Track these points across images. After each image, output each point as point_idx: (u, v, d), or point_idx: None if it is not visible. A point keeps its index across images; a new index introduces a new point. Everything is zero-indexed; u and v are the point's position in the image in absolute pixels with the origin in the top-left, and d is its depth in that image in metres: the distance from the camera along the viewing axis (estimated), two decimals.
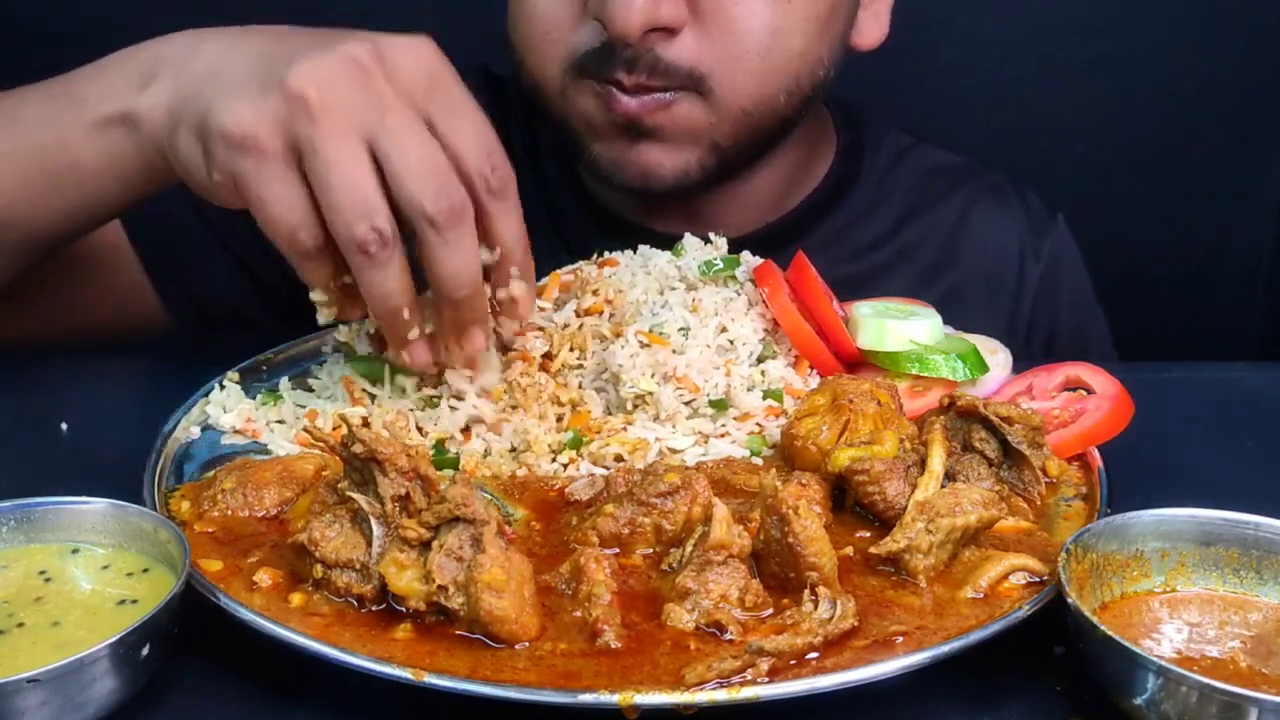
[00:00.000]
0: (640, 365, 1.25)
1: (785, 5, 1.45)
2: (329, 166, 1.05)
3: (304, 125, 1.05)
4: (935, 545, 0.99)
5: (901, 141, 1.86)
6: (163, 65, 1.18)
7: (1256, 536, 0.96)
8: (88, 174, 1.23)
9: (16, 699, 0.80)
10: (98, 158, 1.21)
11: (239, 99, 1.07)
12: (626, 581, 0.98)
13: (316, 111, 1.04)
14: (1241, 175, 2.44)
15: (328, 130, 1.05)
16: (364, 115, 1.06)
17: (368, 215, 1.05)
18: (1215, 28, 2.32)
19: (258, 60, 1.11)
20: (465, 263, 1.11)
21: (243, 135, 1.05)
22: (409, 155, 1.06)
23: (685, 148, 1.51)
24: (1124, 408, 1.22)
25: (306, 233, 1.09)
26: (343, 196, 1.05)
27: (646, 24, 1.38)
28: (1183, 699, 0.81)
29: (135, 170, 1.21)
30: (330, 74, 1.06)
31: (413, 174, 1.06)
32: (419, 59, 1.11)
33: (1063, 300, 1.83)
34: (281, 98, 1.05)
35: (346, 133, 1.05)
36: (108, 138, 1.20)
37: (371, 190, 1.06)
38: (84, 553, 0.98)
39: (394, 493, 0.95)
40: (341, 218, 1.06)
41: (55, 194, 1.25)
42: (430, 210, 1.06)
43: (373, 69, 1.08)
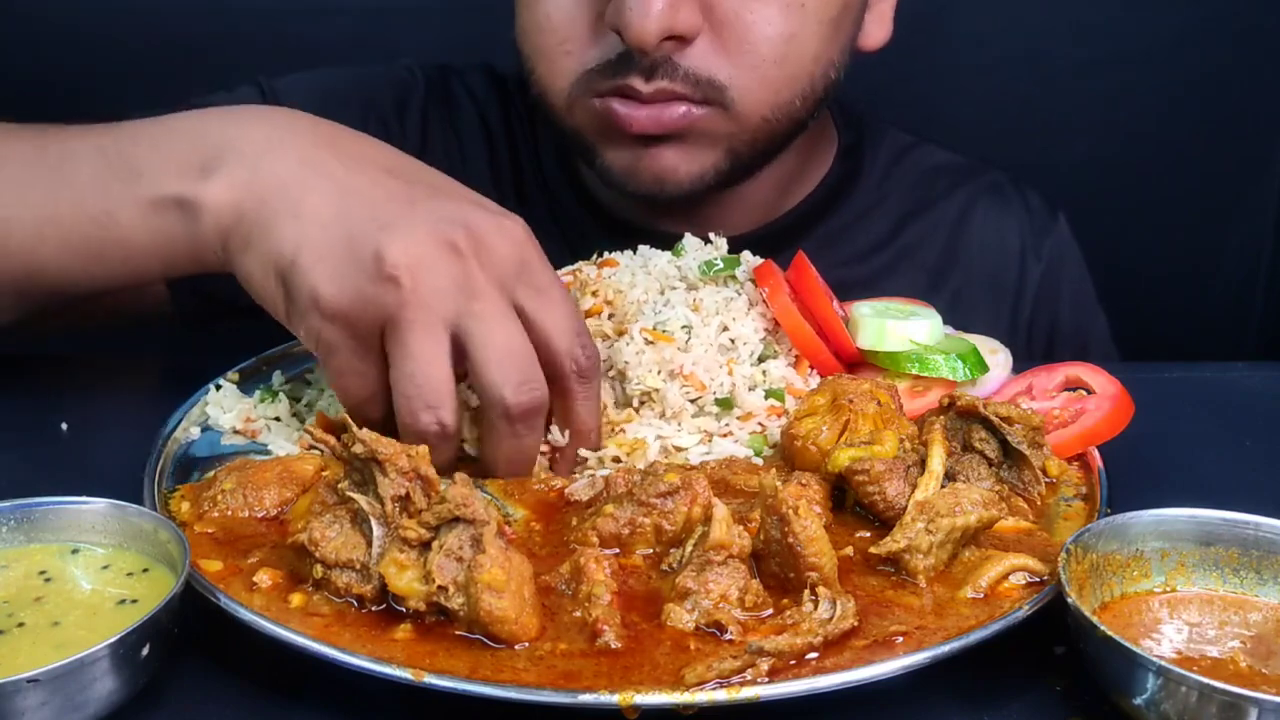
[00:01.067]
0: (646, 362, 1.25)
1: (799, 11, 1.45)
2: (409, 355, 1.06)
3: (394, 310, 1.05)
4: (935, 545, 0.99)
5: (901, 141, 1.86)
6: (230, 154, 1.14)
7: (1256, 536, 0.96)
8: (134, 251, 1.19)
9: (16, 699, 0.80)
10: (147, 237, 1.18)
11: (329, 268, 1.06)
12: (626, 581, 0.98)
13: (408, 298, 1.05)
14: (1241, 175, 2.44)
15: (415, 319, 1.05)
16: (454, 301, 1.06)
17: (435, 409, 1.07)
18: (1215, 28, 2.32)
19: (346, 209, 1.09)
20: (527, 456, 1.13)
21: (334, 311, 1.06)
22: (495, 345, 1.07)
23: (703, 153, 1.51)
24: (1124, 408, 1.22)
25: (374, 405, 1.11)
26: (415, 387, 1.06)
27: (663, 32, 1.38)
28: (1183, 699, 0.81)
29: (184, 257, 1.18)
30: (424, 255, 1.05)
31: (496, 364, 1.07)
32: (512, 242, 1.10)
33: (1064, 300, 1.83)
34: (375, 277, 1.05)
35: (433, 322, 1.06)
36: (160, 219, 1.16)
37: (444, 384, 1.07)
38: (84, 553, 0.98)
39: (394, 493, 0.95)
40: (409, 406, 1.07)
41: (96, 263, 1.21)
42: (510, 402, 1.07)
43: (466, 252, 1.07)
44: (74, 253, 1.21)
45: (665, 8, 1.36)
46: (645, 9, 1.36)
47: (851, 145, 1.80)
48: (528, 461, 1.14)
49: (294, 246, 1.08)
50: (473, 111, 1.80)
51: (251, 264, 1.12)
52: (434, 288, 1.06)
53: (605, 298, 1.31)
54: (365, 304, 1.06)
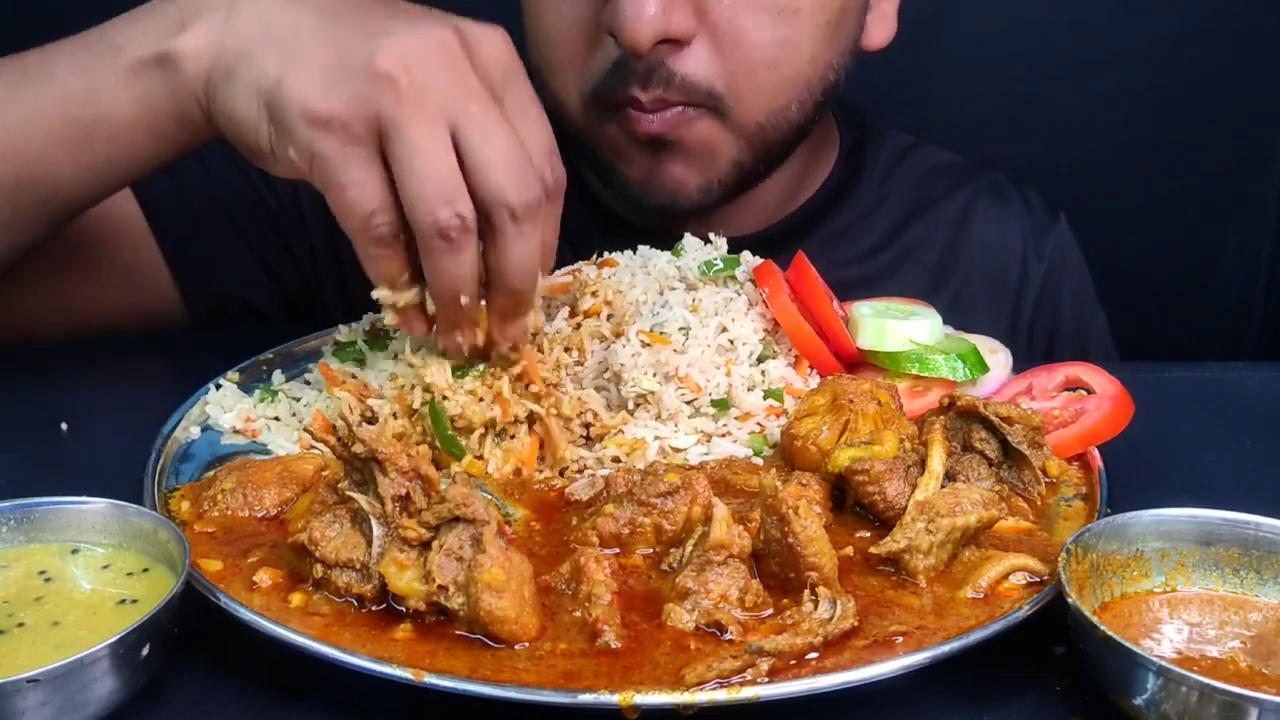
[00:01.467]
0: (642, 364, 1.25)
1: (793, 15, 1.46)
2: (414, 152, 1.03)
3: (390, 108, 1.03)
4: (935, 545, 0.99)
5: (902, 141, 1.86)
6: (206, 7, 1.14)
7: (1256, 536, 0.96)
8: (119, 125, 1.18)
9: (16, 699, 0.80)
10: (130, 104, 1.17)
11: (321, 74, 1.05)
12: (626, 581, 0.98)
13: (405, 94, 1.03)
14: (1241, 175, 2.44)
15: (415, 115, 1.03)
16: (450, 100, 1.05)
17: (452, 200, 1.04)
18: (1215, 28, 2.32)
19: (334, 29, 1.08)
20: (534, 253, 1.11)
21: (329, 116, 1.03)
22: (495, 145, 1.05)
23: (707, 167, 1.53)
24: (1124, 408, 1.22)
25: (384, 217, 1.07)
26: (428, 182, 1.04)
27: (657, 34, 1.38)
28: (1183, 699, 0.81)
29: (168, 118, 1.17)
30: (419, 56, 1.04)
31: (498, 164, 1.05)
32: (498, 49, 1.10)
33: (1065, 300, 1.83)
34: (369, 78, 1.03)
35: (434, 118, 1.04)
36: (141, 82, 1.16)
37: (455, 176, 1.05)
38: (84, 553, 0.98)
39: (394, 493, 0.95)
40: (424, 202, 1.04)
41: (84, 148, 1.20)
42: (514, 201, 1.06)
43: (459, 53, 1.06)
44: (61, 143, 1.20)
45: (658, 11, 1.37)
46: (639, 12, 1.37)
47: (853, 146, 1.80)
48: (534, 262, 1.11)
49: (279, 66, 1.06)
50: None
51: (234, 95, 1.10)
52: (431, 84, 1.04)
53: (604, 298, 1.31)
54: (360, 105, 1.03)
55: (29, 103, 1.21)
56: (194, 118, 1.16)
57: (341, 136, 1.04)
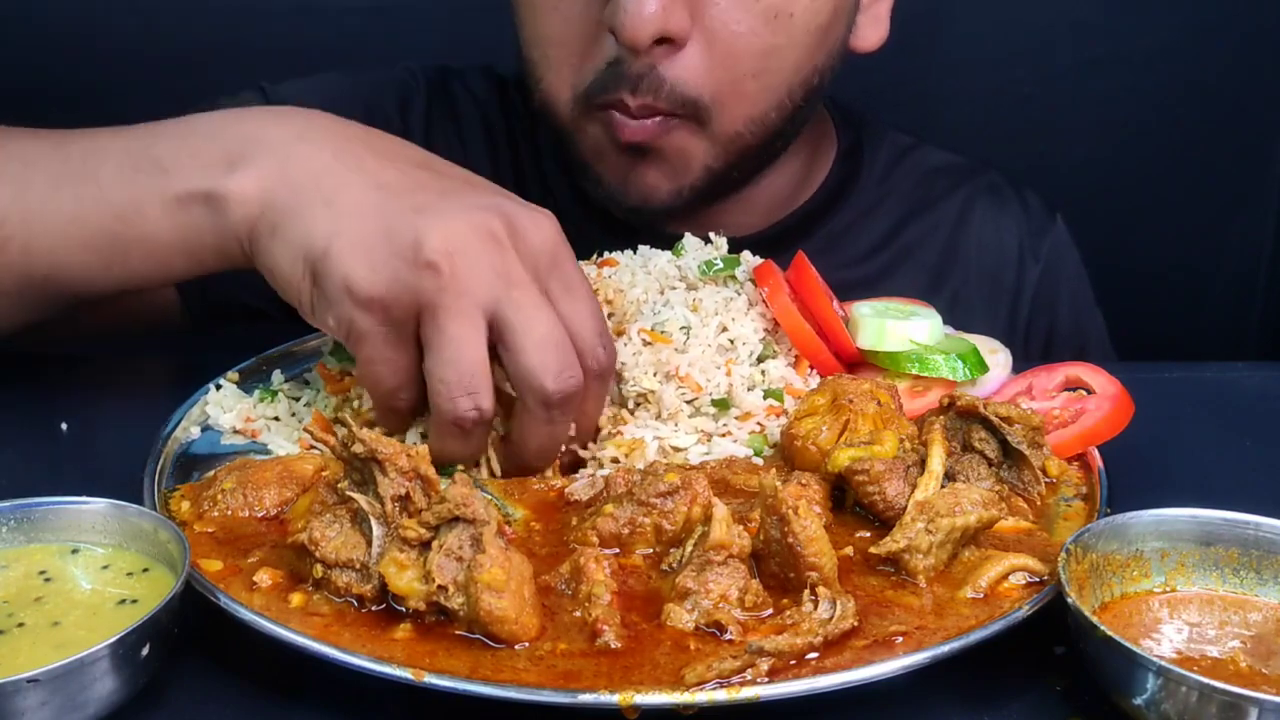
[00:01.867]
0: (643, 364, 1.25)
1: (787, 21, 1.46)
2: (447, 341, 1.05)
3: (432, 295, 1.04)
4: (935, 545, 0.99)
5: (900, 142, 1.86)
6: (256, 149, 1.14)
7: (1256, 536, 0.96)
8: (158, 247, 1.18)
9: (16, 699, 0.80)
10: (172, 232, 1.17)
11: (366, 254, 1.05)
12: (626, 581, 0.98)
13: (447, 284, 1.04)
14: (1241, 175, 2.44)
15: (454, 305, 1.04)
16: (493, 288, 1.06)
17: (474, 396, 1.06)
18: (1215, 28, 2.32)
19: (382, 200, 1.09)
20: (558, 441, 1.13)
21: (370, 298, 1.05)
22: (536, 332, 1.06)
23: (680, 174, 1.54)
24: (1124, 408, 1.22)
25: (405, 395, 1.10)
26: (454, 372, 1.05)
27: (656, 32, 1.39)
28: (1183, 699, 0.81)
29: (209, 252, 1.17)
30: (463, 243, 1.05)
31: (538, 352, 1.06)
32: (544, 234, 1.11)
33: (1062, 300, 1.84)
34: (413, 263, 1.04)
35: (472, 307, 1.05)
36: (186, 214, 1.16)
37: (482, 370, 1.06)
38: (84, 553, 0.98)
39: (394, 493, 0.95)
40: (447, 392, 1.06)
41: (118, 262, 1.20)
42: (551, 389, 1.07)
43: (504, 240, 1.07)
44: (97, 251, 1.20)
45: (659, 9, 1.38)
46: (640, 9, 1.37)
47: (851, 146, 1.81)
48: (556, 448, 1.13)
49: (326, 234, 1.07)
50: (474, 113, 1.81)
51: (279, 252, 1.11)
52: (473, 274, 1.05)
53: (605, 297, 1.31)
54: (402, 290, 1.05)
55: (70, 204, 1.20)
56: (235, 256, 1.17)
57: (381, 318, 1.06)
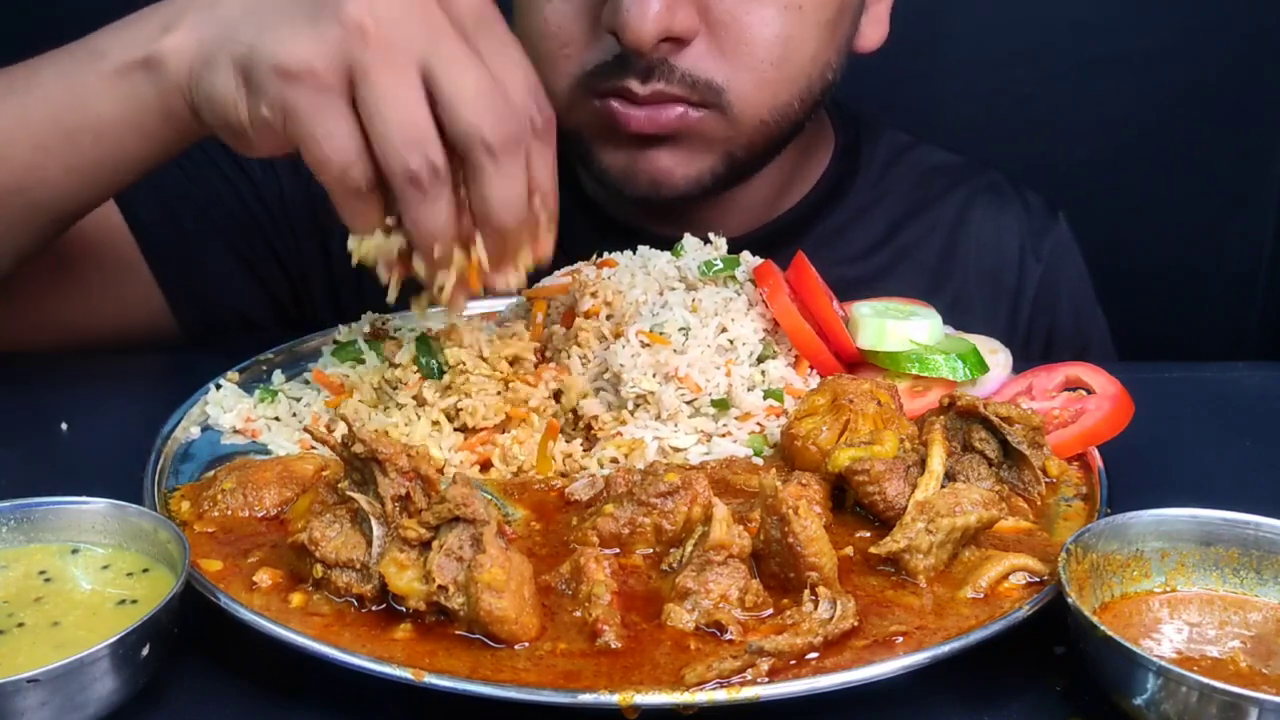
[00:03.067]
0: (642, 365, 1.25)
1: (796, 13, 1.45)
2: (383, 97, 1.03)
3: (359, 54, 1.03)
4: (935, 545, 0.99)
5: (899, 141, 1.86)
6: (188, 10, 1.15)
7: (1256, 536, 0.96)
8: (106, 127, 1.19)
9: (16, 699, 0.80)
10: (117, 107, 1.18)
11: (291, 29, 1.04)
12: (626, 581, 0.98)
13: (373, 41, 1.02)
14: (1241, 175, 2.44)
15: (384, 59, 1.03)
16: (420, 44, 1.04)
17: (421, 146, 1.03)
18: (1215, 28, 2.32)
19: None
20: (519, 191, 1.09)
21: (298, 66, 1.03)
22: (466, 83, 1.04)
23: (700, 156, 1.51)
24: (1124, 408, 1.22)
25: (358, 169, 1.06)
26: (396, 128, 1.03)
27: (660, 33, 1.38)
28: (1183, 699, 0.81)
29: (156, 118, 1.17)
30: (387, 2, 1.04)
31: (470, 101, 1.04)
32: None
33: (1063, 300, 1.83)
34: (338, 25, 1.03)
35: (403, 62, 1.03)
36: (127, 84, 1.16)
37: (425, 121, 1.04)
38: (84, 553, 0.98)
39: (394, 493, 0.95)
40: (394, 149, 1.03)
41: (72, 152, 1.21)
42: (489, 136, 1.04)
43: None
44: (50, 149, 1.21)
45: (662, 9, 1.36)
46: (642, 11, 1.35)
47: (848, 144, 1.80)
48: (521, 200, 1.10)
49: (252, 34, 1.07)
50: None
51: (214, 75, 1.10)
52: (399, 30, 1.04)
53: (604, 298, 1.31)
54: (330, 54, 1.03)
55: (15, 111, 1.22)
56: (181, 114, 1.16)
57: (311, 87, 1.04)
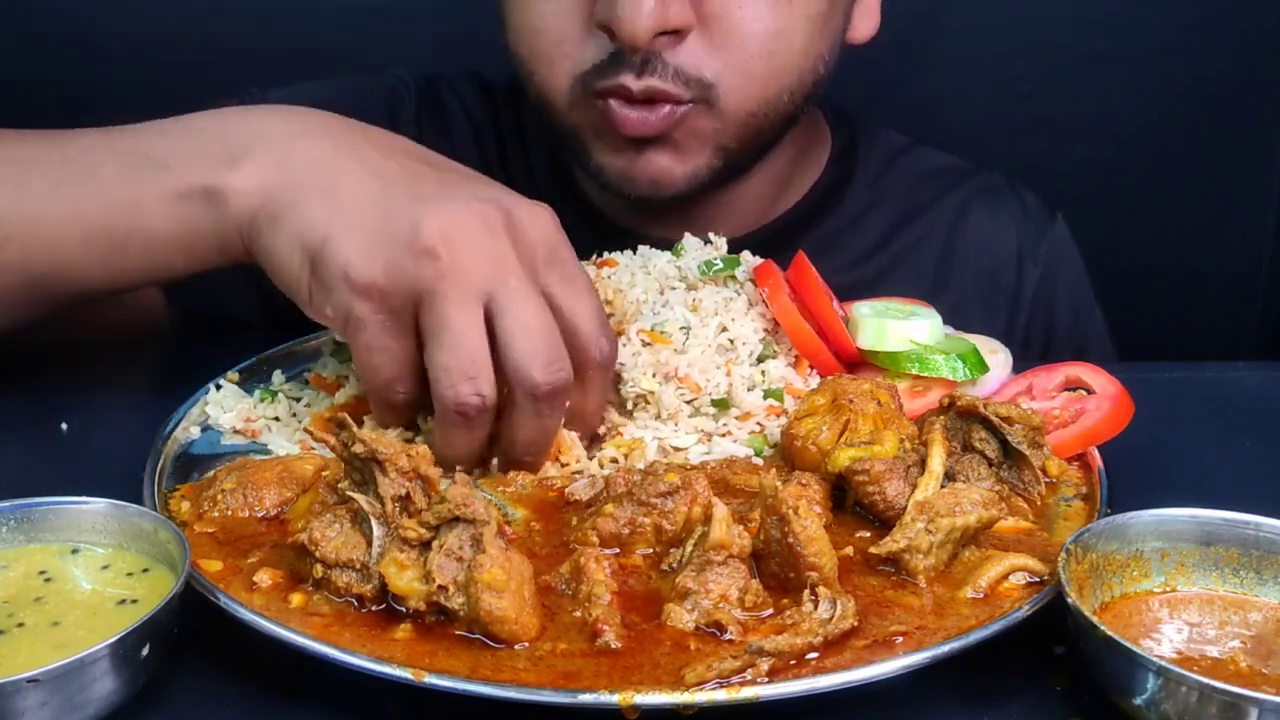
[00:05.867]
0: (642, 364, 1.25)
1: (786, 6, 1.45)
2: (445, 328, 1.05)
3: (429, 282, 1.04)
4: (935, 545, 0.99)
5: (894, 143, 1.85)
6: (258, 144, 1.14)
7: (1256, 536, 0.96)
8: (157, 243, 1.18)
9: (16, 699, 0.80)
10: (171, 227, 1.17)
11: (364, 241, 1.05)
12: (626, 581, 0.98)
13: (445, 270, 1.04)
14: (1241, 175, 2.44)
15: (452, 291, 1.04)
16: (488, 277, 1.06)
17: (475, 380, 1.06)
18: (1215, 27, 2.32)
19: (381, 189, 1.09)
20: (548, 436, 1.12)
21: (368, 284, 1.05)
22: (527, 323, 1.06)
23: (694, 153, 1.51)
24: (1124, 408, 1.22)
25: (402, 387, 1.10)
26: (454, 359, 1.05)
27: (655, 28, 1.38)
28: (1183, 699, 0.81)
29: (209, 247, 1.17)
30: (461, 232, 1.05)
31: (528, 342, 1.06)
32: (542, 226, 1.11)
33: (1061, 302, 1.83)
34: (411, 250, 1.04)
35: (469, 295, 1.05)
36: (185, 209, 1.15)
37: (483, 356, 1.06)
38: (84, 553, 0.98)
39: (394, 493, 0.95)
40: (448, 379, 1.05)
41: (117, 258, 1.20)
42: (539, 380, 1.07)
43: (501, 231, 1.08)
44: (96, 249, 1.20)
45: (656, 4, 1.36)
46: (637, 6, 1.36)
47: (844, 147, 1.80)
48: (547, 442, 1.13)
49: (326, 223, 1.07)
50: (464, 120, 1.80)
51: (278, 243, 1.10)
52: (471, 262, 1.05)
53: (605, 297, 1.31)
54: (400, 277, 1.05)
55: (68, 203, 1.20)
56: (234, 251, 1.16)
57: (378, 305, 1.06)
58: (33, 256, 1.22)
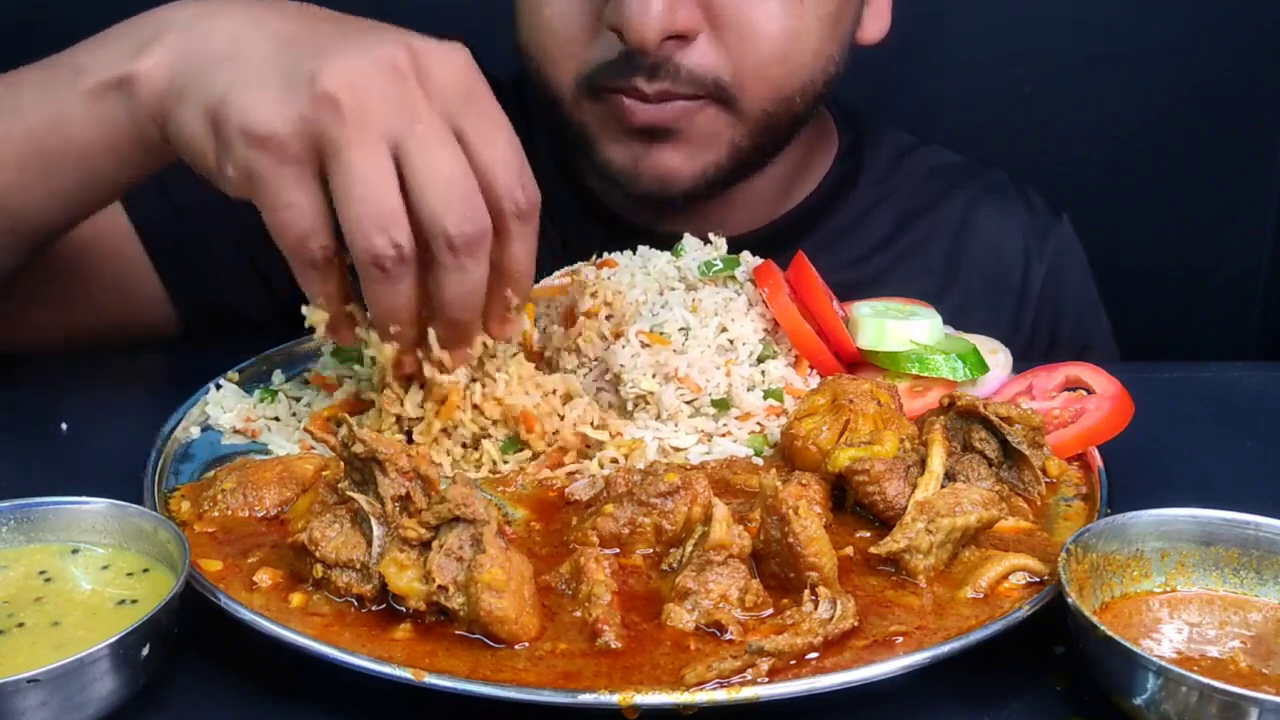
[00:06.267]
0: (642, 365, 1.25)
1: (798, 6, 1.45)
2: (352, 177, 1.01)
3: (331, 129, 1.01)
4: (935, 545, 0.99)
5: (902, 141, 1.86)
6: (166, 30, 1.12)
7: (1256, 536, 0.96)
8: (82, 149, 1.17)
9: (16, 699, 0.80)
10: (92, 128, 1.15)
11: (263, 92, 1.02)
12: (626, 581, 0.98)
13: (347, 116, 1.00)
14: (1241, 175, 2.44)
15: (356, 137, 1.01)
16: (395, 123, 1.02)
17: (388, 229, 1.02)
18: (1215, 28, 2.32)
19: (282, 47, 1.06)
20: (473, 289, 1.08)
21: (266, 134, 1.01)
22: (437, 171, 1.02)
23: (705, 151, 1.51)
24: (1124, 408, 1.22)
25: (317, 241, 1.05)
26: (364, 207, 1.01)
27: (664, 32, 1.37)
28: (1183, 699, 0.81)
29: (129, 142, 1.15)
30: (364, 76, 1.02)
31: (439, 191, 1.02)
32: (454, 67, 1.07)
33: (1066, 301, 1.83)
34: (310, 97, 1.01)
35: (375, 141, 1.01)
36: (101, 106, 1.14)
37: (394, 203, 1.02)
38: (84, 553, 0.98)
39: (394, 493, 0.95)
40: (360, 229, 1.02)
41: (53, 174, 1.19)
42: (453, 232, 1.03)
43: (408, 74, 1.03)
44: (32, 169, 1.19)
45: (664, 8, 1.36)
46: (645, 9, 1.35)
47: (851, 145, 1.80)
48: (475, 297, 1.09)
49: (225, 84, 1.04)
50: None
51: (185, 117, 1.08)
52: (376, 108, 1.01)
53: (604, 298, 1.31)
54: (300, 125, 1.01)
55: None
56: (153, 140, 1.14)
57: (278, 156, 1.02)
58: None
